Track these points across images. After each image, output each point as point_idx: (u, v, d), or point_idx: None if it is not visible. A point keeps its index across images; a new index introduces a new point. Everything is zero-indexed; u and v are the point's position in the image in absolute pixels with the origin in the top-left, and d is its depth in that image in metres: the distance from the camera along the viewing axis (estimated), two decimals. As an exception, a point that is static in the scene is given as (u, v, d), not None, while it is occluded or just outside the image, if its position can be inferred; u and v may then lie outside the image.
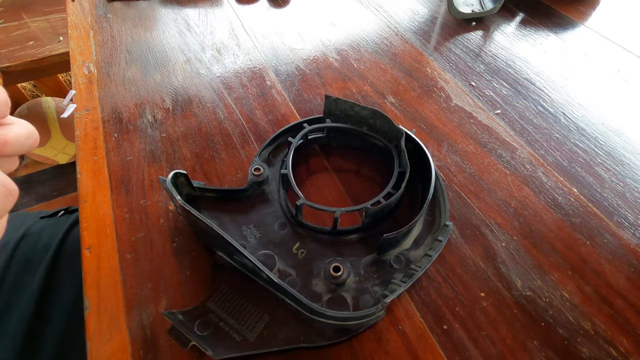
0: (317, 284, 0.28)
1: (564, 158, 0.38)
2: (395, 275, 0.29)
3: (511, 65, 0.49)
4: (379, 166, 0.37)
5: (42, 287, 0.39)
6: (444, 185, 0.35)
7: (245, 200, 0.33)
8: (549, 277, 0.30)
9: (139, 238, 0.31)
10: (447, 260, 0.31)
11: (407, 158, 0.32)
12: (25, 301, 0.38)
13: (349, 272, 0.29)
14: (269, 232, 0.31)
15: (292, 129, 0.38)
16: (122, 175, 0.36)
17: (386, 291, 0.27)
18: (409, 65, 0.49)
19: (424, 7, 0.59)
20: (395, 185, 0.31)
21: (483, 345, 0.26)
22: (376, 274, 0.29)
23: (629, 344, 0.27)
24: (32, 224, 0.46)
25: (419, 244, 0.31)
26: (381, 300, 0.26)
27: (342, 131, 0.37)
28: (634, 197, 0.35)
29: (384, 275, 0.29)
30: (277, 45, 0.51)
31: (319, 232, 0.31)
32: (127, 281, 0.29)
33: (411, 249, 0.30)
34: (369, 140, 0.37)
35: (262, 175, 0.33)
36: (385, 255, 0.30)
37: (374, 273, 0.29)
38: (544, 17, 0.57)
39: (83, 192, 0.34)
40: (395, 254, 0.30)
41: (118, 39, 0.51)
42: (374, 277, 0.29)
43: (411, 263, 0.29)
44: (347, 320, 0.26)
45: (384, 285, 0.28)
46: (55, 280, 0.40)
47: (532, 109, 0.43)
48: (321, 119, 0.38)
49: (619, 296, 0.29)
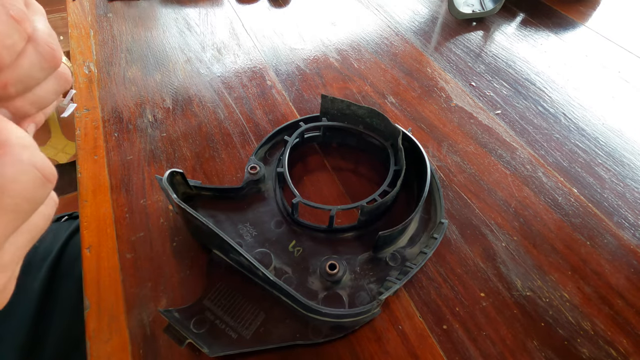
0: (313, 281, 0.28)
1: (564, 158, 0.38)
2: (390, 272, 0.29)
3: (511, 66, 0.49)
4: (376, 164, 0.37)
5: (43, 292, 0.38)
6: (440, 183, 0.35)
7: (242, 199, 0.33)
8: (549, 277, 0.30)
9: (139, 238, 0.31)
10: (447, 260, 0.31)
11: (404, 156, 0.32)
12: (26, 305, 0.37)
13: (345, 269, 0.29)
14: (265, 231, 0.31)
15: (288, 128, 0.38)
16: (123, 174, 0.36)
17: (381, 288, 0.28)
18: (410, 65, 0.49)
19: (425, 7, 0.59)
20: (391, 184, 0.31)
21: (483, 345, 0.26)
22: (372, 271, 0.29)
23: (629, 345, 0.27)
24: None
25: (414, 241, 0.31)
26: (377, 297, 0.26)
27: (339, 130, 0.37)
28: (634, 198, 0.35)
29: (380, 272, 0.29)
30: (277, 45, 0.51)
31: (315, 230, 0.31)
32: (127, 281, 0.29)
33: (407, 246, 0.30)
34: (366, 138, 0.37)
35: (259, 174, 0.33)
36: (381, 253, 0.30)
37: (369, 270, 0.29)
38: (545, 18, 0.57)
39: (83, 192, 0.34)
40: (391, 252, 0.30)
41: (118, 39, 0.51)
42: (369, 274, 0.29)
43: (407, 260, 0.29)
44: (342, 318, 0.26)
45: (379, 283, 0.28)
46: (55, 285, 0.40)
47: (532, 109, 0.43)
48: (318, 117, 0.38)
49: (619, 297, 0.29)
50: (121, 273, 0.29)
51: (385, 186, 0.31)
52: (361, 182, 0.36)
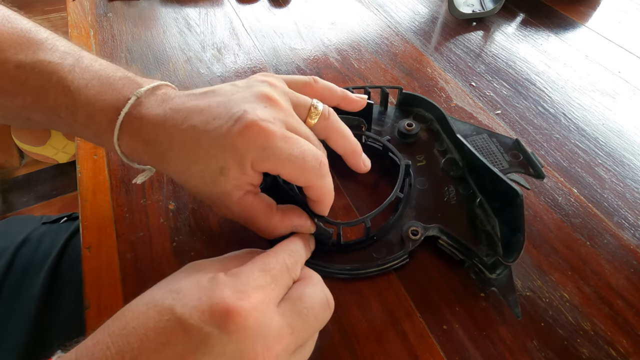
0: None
1: (564, 158, 0.38)
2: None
3: (511, 66, 0.49)
4: (379, 168, 0.36)
5: (43, 295, 0.38)
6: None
7: None
8: (549, 277, 0.30)
9: (139, 237, 0.31)
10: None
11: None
12: (26, 309, 0.37)
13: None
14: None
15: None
16: (123, 174, 0.36)
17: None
18: (410, 65, 0.49)
19: (425, 7, 0.59)
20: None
21: (483, 345, 0.26)
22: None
23: (629, 345, 0.27)
24: (33, 229, 0.45)
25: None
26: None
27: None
28: (634, 198, 0.35)
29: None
30: (277, 44, 0.51)
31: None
32: (127, 280, 0.29)
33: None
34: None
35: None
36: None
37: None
38: (545, 18, 0.57)
39: (83, 192, 0.34)
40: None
41: (118, 38, 0.51)
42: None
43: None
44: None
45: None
46: (55, 288, 0.39)
47: (532, 110, 0.43)
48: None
49: (619, 297, 0.29)
50: (121, 273, 0.29)
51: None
52: (367, 189, 0.35)
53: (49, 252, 0.42)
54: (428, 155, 0.34)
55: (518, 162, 0.32)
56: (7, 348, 0.35)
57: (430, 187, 0.32)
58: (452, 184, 0.32)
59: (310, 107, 0.27)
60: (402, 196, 0.31)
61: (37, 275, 0.39)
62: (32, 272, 0.40)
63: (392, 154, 0.33)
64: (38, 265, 0.40)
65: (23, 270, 0.40)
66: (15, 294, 0.38)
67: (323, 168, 0.24)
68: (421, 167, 0.34)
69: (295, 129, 0.24)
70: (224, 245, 0.31)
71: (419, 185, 0.32)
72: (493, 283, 0.28)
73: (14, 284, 0.39)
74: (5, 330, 0.36)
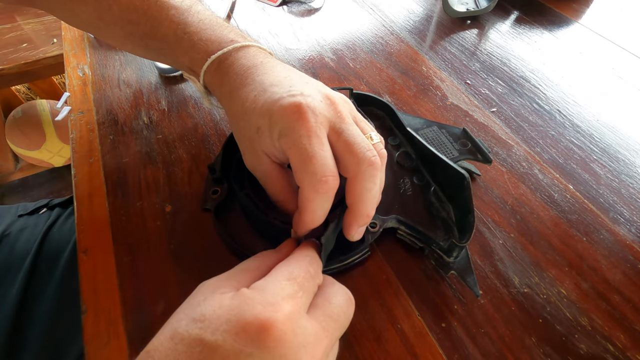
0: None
1: (560, 155, 0.38)
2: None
3: (506, 63, 0.49)
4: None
5: (20, 298, 0.37)
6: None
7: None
8: (546, 273, 0.30)
9: (135, 240, 0.31)
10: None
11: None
12: (3, 314, 0.36)
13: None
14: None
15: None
16: (119, 177, 0.35)
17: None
18: (405, 64, 0.49)
19: (419, 6, 0.59)
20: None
21: (481, 342, 0.26)
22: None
23: (626, 340, 0.27)
24: (10, 224, 0.43)
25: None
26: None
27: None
28: (629, 194, 0.35)
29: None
30: (272, 45, 0.51)
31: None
32: (124, 284, 0.29)
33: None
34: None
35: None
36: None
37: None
38: (538, 15, 0.57)
39: (79, 195, 0.34)
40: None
41: (112, 41, 0.51)
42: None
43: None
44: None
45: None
46: (33, 289, 0.38)
47: (527, 107, 0.43)
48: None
49: (616, 292, 0.29)
50: (118, 276, 0.29)
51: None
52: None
53: (27, 251, 0.41)
54: None
55: (467, 150, 0.34)
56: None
57: (387, 180, 0.30)
58: (407, 176, 0.33)
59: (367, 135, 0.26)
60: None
61: (15, 278, 0.39)
62: (9, 274, 0.39)
63: None
64: (16, 267, 0.39)
65: (1, 272, 0.39)
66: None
67: (324, 185, 0.22)
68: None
69: (340, 134, 0.24)
70: (222, 247, 0.31)
71: None
72: (452, 267, 0.28)
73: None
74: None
